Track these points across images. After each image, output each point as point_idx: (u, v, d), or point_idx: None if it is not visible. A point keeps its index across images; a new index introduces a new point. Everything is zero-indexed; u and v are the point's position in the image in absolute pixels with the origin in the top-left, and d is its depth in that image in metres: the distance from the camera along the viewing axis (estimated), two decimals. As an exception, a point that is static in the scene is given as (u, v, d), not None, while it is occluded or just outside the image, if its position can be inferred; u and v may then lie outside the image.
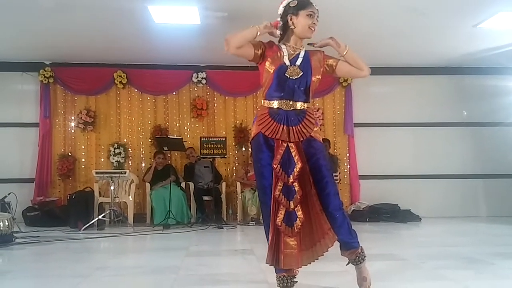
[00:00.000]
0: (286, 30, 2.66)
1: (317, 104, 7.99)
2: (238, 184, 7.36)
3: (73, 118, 7.64)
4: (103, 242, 5.30)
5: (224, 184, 7.40)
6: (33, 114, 7.52)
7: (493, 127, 7.92)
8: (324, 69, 2.66)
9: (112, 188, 6.43)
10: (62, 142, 7.60)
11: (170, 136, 7.25)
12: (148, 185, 7.14)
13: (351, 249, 2.59)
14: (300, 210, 2.47)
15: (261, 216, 6.75)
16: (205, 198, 7.09)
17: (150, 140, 7.73)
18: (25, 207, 6.87)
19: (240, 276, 3.29)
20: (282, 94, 2.57)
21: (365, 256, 2.62)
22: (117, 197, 6.65)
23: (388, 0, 5.29)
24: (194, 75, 7.73)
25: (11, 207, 6.08)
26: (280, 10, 2.65)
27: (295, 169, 2.47)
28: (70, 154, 7.56)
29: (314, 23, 2.59)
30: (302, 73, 2.57)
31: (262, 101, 2.64)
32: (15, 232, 5.19)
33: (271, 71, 2.57)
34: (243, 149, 7.89)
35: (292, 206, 2.46)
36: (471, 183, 8.01)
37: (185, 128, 7.86)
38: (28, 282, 3.34)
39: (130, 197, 6.95)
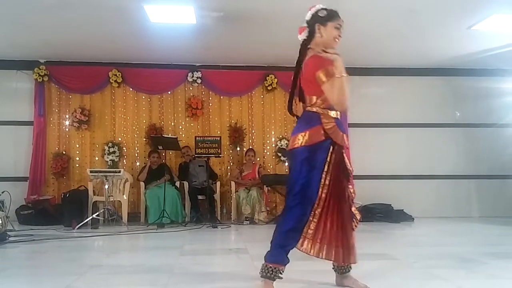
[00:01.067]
0: (311, 37, 2.68)
1: (312, 104, 8.02)
2: (233, 183, 7.38)
3: (67, 116, 7.61)
4: (97, 241, 5.29)
5: (218, 183, 7.41)
6: (28, 113, 7.49)
7: (486, 129, 7.99)
8: None
9: (106, 187, 6.43)
10: (56, 141, 7.57)
11: (165, 135, 7.26)
12: (142, 184, 7.14)
13: None
14: (356, 209, 2.74)
15: (256, 214, 6.81)
16: (200, 197, 7.10)
17: (144, 139, 7.73)
18: (18, 205, 6.85)
19: (235, 274, 3.31)
20: None
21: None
22: (111, 196, 6.65)
23: (383, 1, 5.32)
24: (190, 74, 7.73)
25: (4, 205, 6.06)
26: (308, 16, 2.69)
27: (347, 173, 2.67)
28: (64, 152, 7.54)
29: (339, 35, 2.68)
30: None
31: (321, 109, 2.62)
32: (8, 230, 5.17)
33: None
34: (238, 148, 7.90)
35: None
36: (463, 183, 8.08)
37: (180, 127, 7.86)
38: (22, 280, 3.34)
39: (124, 196, 6.96)
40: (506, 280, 3.16)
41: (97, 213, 6.36)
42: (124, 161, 7.70)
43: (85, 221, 6.18)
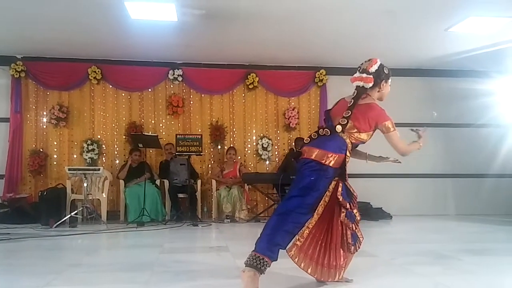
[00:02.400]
0: (373, 87, 2.87)
1: (292, 104, 8.08)
2: (214, 181, 7.38)
3: (45, 113, 7.50)
4: (76, 240, 5.23)
5: (199, 181, 7.39)
6: (4, 109, 7.36)
7: (463, 129, 8.18)
8: None
9: (85, 185, 6.34)
10: (33, 138, 7.45)
11: (146, 133, 7.20)
12: (122, 182, 7.07)
13: None
14: (360, 231, 2.85)
15: (236, 213, 6.81)
16: (180, 195, 7.07)
17: (124, 137, 7.66)
18: (-6, 203, 6.72)
19: (215, 272, 3.31)
20: (355, 147, 2.94)
21: None
22: (90, 194, 6.56)
23: (362, 1, 5.38)
24: (170, 72, 7.69)
25: (-21, 203, 5.94)
26: (374, 68, 2.85)
27: (354, 199, 2.86)
28: (41, 150, 7.42)
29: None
30: None
31: (351, 143, 2.81)
32: (-16, 229, 5.08)
33: (367, 139, 2.91)
34: (219, 147, 7.90)
35: (355, 228, 2.81)
36: (440, 182, 8.25)
37: (161, 125, 7.81)
38: (-1, 279, 3.28)
39: (103, 194, 6.88)
40: (481, 276, 3.25)
41: (76, 211, 6.28)
42: (104, 159, 7.61)
43: (63, 219, 6.09)
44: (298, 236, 2.69)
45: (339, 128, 2.77)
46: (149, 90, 7.80)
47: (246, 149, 8.03)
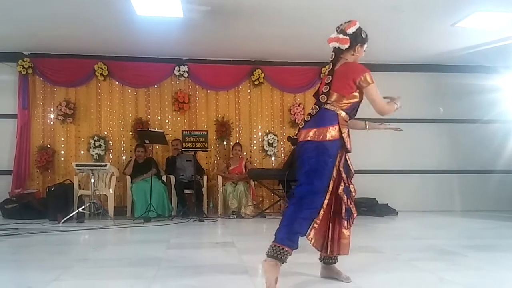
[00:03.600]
0: (348, 50, 2.80)
1: (298, 99, 8.08)
2: (220, 177, 7.41)
3: (52, 109, 7.54)
4: (83, 235, 5.28)
5: (205, 177, 7.43)
6: (11, 105, 7.40)
7: (469, 124, 8.14)
8: None
9: (92, 180, 6.39)
10: (41, 134, 7.50)
11: (152, 129, 7.24)
12: (128, 178, 7.12)
13: None
14: (354, 206, 2.80)
15: (242, 208, 6.84)
16: (186, 191, 7.11)
17: (131, 133, 7.70)
18: (2, 199, 6.81)
19: (222, 267, 3.34)
20: (354, 115, 2.86)
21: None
22: (97, 190, 6.62)
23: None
24: (176, 68, 7.71)
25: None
26: (352, 30, 2.80)
27: (351, 174, 2.80)
28: (49, 146, 7.48)
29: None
30: None
31: (342, 111, 2.73)
32: (-7, 224, 5.14)
33: (358, 97, 2.81)
34: (225, 142, 7.92)
35: (349, 203, 2.76)
36: (446, 178, 8.22)
37: (167, 121, 7.84)
38: (8, 274, 3.32)
39: (110, 190, 6.93)
40: (485, 271, 3.26)
41: (83, 207, 6.33)
42: (110, 155, 7.66)
43: (71, 215, 6.14)
44: (316, 219, 2.69)
45: (323, 97, 2.73)
46: (155, 86, 7.83)
47: (252, 145, 8.05)
